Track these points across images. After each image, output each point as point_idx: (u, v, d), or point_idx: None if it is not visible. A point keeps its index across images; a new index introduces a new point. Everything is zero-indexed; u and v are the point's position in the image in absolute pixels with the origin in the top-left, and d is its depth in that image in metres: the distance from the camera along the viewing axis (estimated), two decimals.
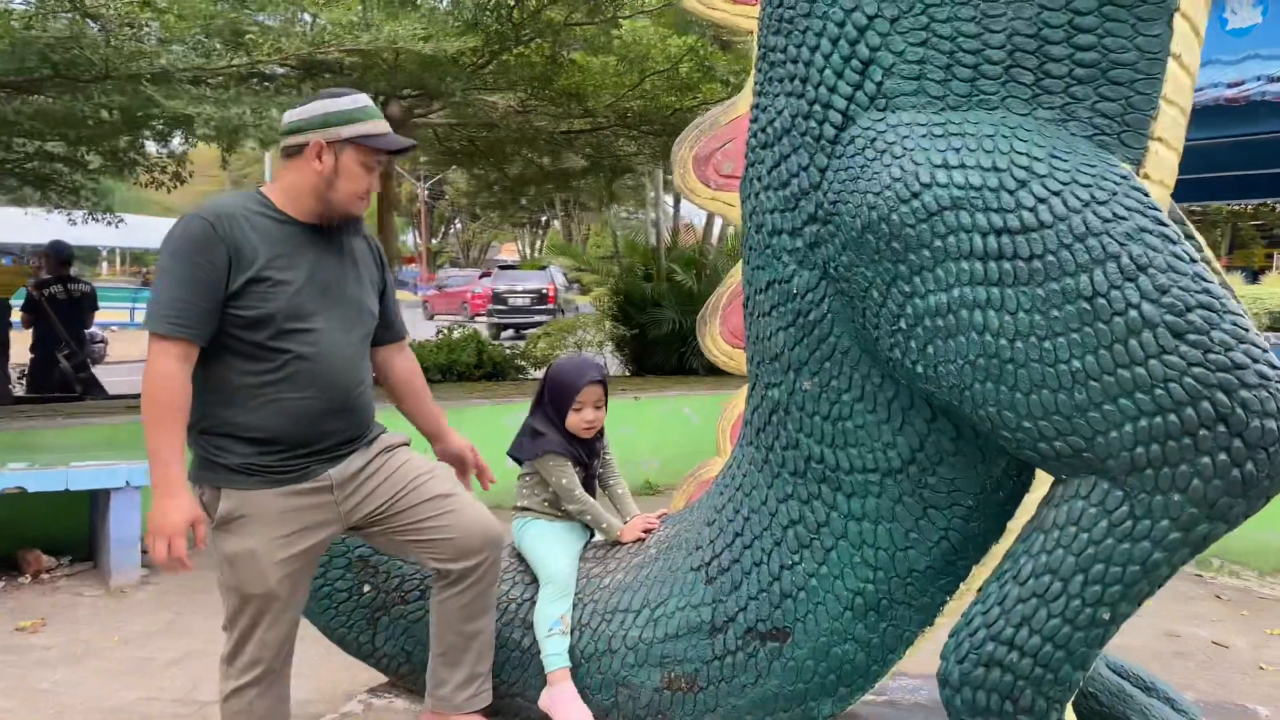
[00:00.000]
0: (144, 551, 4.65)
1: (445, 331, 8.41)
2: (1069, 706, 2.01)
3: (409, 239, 53.95)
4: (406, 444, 2.43)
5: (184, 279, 2.04)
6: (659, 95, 6.69)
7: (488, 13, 5.28)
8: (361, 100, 2.25)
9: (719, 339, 2.63)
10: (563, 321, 9.37)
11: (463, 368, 7.91)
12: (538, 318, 19.55)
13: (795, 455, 2.34)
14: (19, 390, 7.83)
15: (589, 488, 2.76)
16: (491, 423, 5.54)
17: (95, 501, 4.65)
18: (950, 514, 2.19)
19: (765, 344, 2.40)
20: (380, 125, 2.24)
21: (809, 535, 2.32)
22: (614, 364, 9.66)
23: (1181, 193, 2.42)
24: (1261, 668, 3.86)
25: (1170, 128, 2.04)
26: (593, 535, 2.76)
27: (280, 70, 5.14)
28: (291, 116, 2.21)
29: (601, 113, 6.80)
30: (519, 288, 23.39)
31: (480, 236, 48.41)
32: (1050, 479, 2.00)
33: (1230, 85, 5.21)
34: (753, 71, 2.48)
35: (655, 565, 2.58)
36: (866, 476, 2.23)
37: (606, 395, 2.78)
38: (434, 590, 2.43)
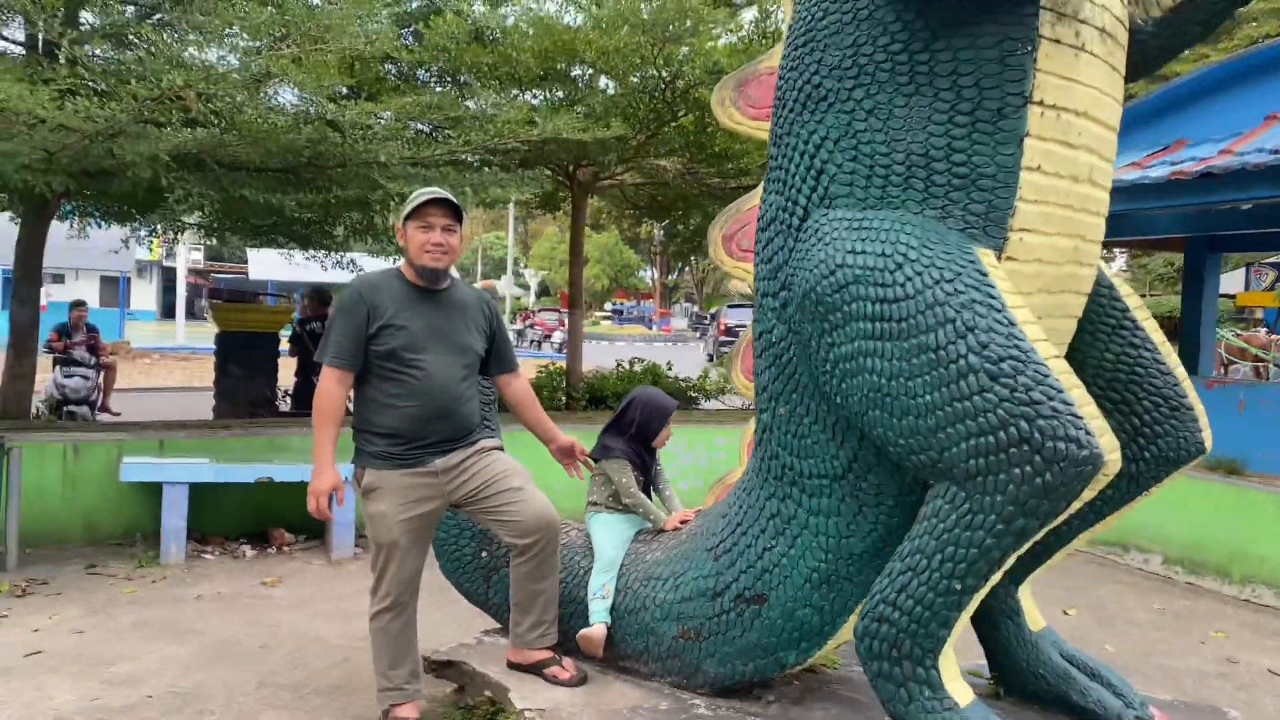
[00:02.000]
0: (359, 535, 5.90)
1: (625, 365, 9.44)
2: (947, 654, 2.63)
3: (647, 275, 56.32)
4: (500, 448, 3.38)
5: (341, 328, 3.10)
6: None
7: (642, 94, 6.25)
8: (416, 193, 3.20)
9: (740, 375, 3.41)
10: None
11: None
12: None
13: (776, 464, 3.08)
14: (284, 406, 9.57)
15: (645, 488, 3.60)
16: None
17: None
18: (878, 511, 2.86)
19: (759, 379, 3.16)
20: (417, 200, 3.14)
21: (783, 525, 3.05)
22: None
23: None
24: None
25: (1039, 220, 2.65)
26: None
27: (475, 156, 6.35)
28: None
29: (756, 171, 7.61)
30: (748, 322, 26.50)
31: (713, 274, 49.85)
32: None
33: None
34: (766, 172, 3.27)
35: (684, 546, 3.38)
36: (820, 481, 2.94)
37: None
38: (511, 559, 3.34)
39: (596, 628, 3.33)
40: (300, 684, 3.88)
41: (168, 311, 38.90)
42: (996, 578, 2.56)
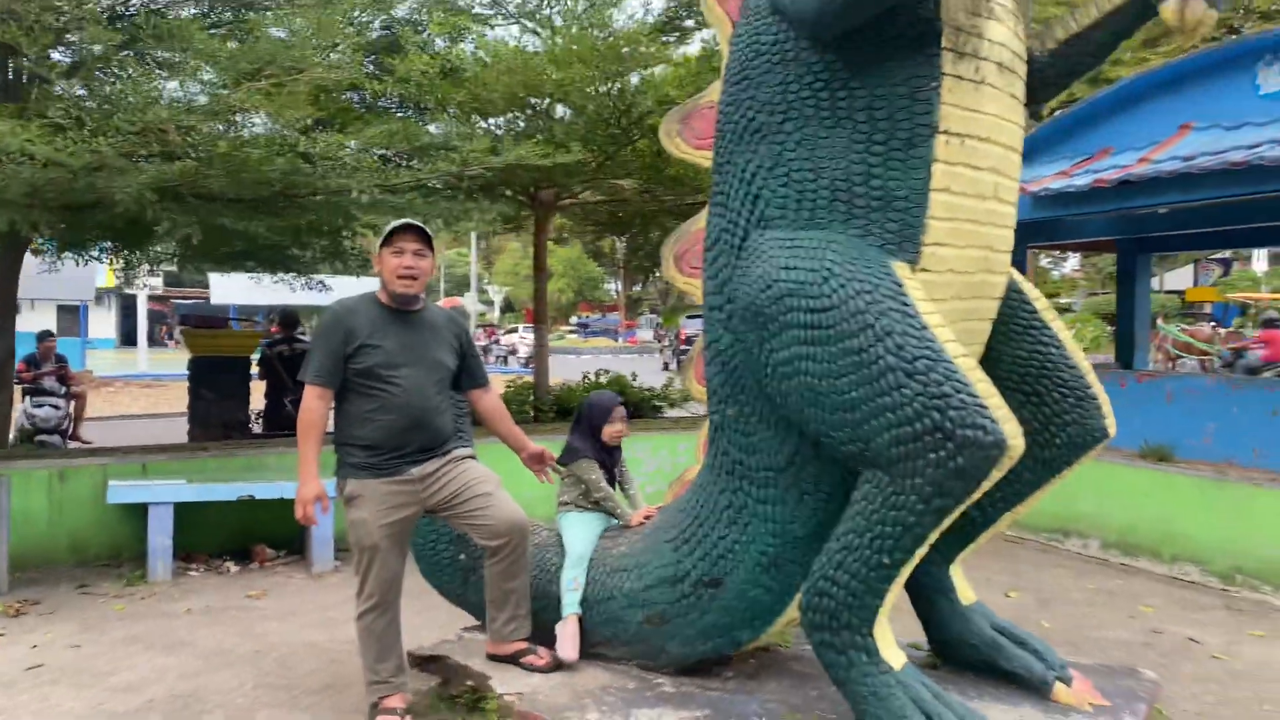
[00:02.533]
0: (338, 549, 6.14)
1: (591, 376, 9.74)
2: (882, 624, 2.95)
3: (612, 288, 56.50)
4: (473, 457, 3.66)
5: (321, 349, 3.38)
6: None
7: (599, 121, 6.57)
8: (391, 223, 3.50)
9: (693, 381, 3.72)
10: None
11: None
12: None
13: (727, 460, 3.39)
14: (257, 428, 9.76)
15: (610, 484, 3.91)
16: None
17: None
18: (817, 499, 3.19)
19: (710, 383, 3.48)
20: (391, 229, 3.44)
21: (735, 514, 3.36)
22: None
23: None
24: (1215, 657, 4.48)
25: (949, 235, 2.99)
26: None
27: (440, 183, 6.66)
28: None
29: (709, 189, 7.98)
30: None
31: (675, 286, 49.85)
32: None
33: (1249, 148, 5.78)
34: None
35: (647, 539, 3.68)
36: (767, 473, 3.26)
37: (627, 416, 3.96)
38: (485, 560, 3.63)
39: (569, 619, 3.63)
40: (293, 684, 4.12)
41: (127, 339, 38.59)
42: (922, 552, 2.88)
